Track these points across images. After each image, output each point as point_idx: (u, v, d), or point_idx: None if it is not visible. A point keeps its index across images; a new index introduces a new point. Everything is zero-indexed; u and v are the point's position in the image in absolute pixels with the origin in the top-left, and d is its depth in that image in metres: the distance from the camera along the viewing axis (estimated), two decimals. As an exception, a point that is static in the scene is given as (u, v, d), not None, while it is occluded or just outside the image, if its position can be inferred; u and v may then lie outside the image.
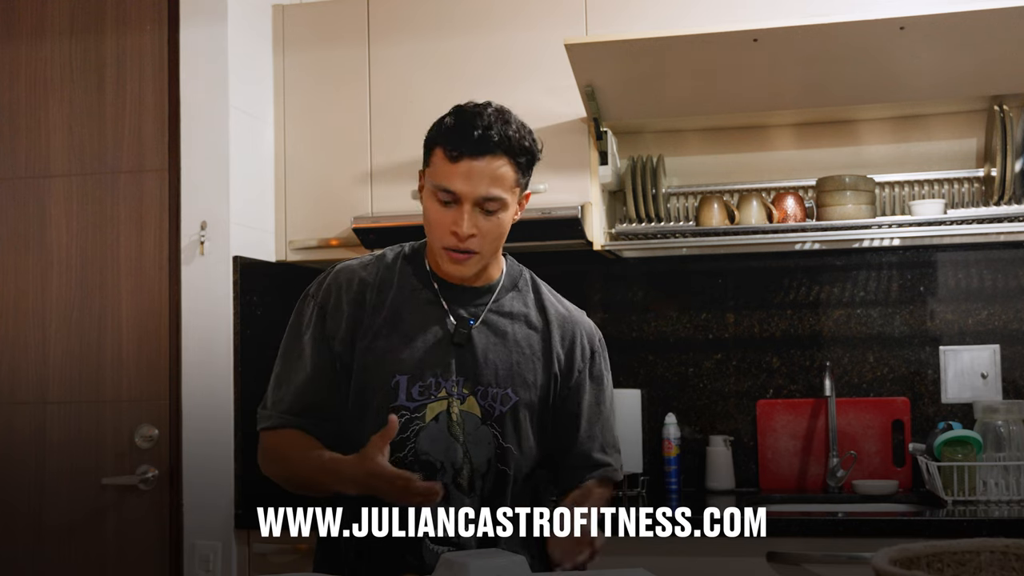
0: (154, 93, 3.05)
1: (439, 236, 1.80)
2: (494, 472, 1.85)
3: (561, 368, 1.91)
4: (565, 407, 1.93)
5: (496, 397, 1.84)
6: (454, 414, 1.82)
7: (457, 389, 1.83)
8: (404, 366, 1.82)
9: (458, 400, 1.83)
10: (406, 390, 1.82)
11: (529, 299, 1.93)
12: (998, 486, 2.76)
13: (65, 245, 3.08)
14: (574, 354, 1.93)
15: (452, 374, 1.83)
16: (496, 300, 1.89)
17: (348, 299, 1.86)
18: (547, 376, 1.89)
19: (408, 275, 1.89)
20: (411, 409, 1.81)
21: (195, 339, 2.95)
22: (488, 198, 1.76)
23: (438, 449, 1.81)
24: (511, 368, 1.86)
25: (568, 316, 1.95)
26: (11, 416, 3.07)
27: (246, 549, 2.88)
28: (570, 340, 1.93)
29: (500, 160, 1.76)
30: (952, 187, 3.10)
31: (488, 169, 1.76)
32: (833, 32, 2.69)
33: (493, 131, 1.75)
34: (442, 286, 1.88)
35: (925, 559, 1.23)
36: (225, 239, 2.95)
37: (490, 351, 1.85)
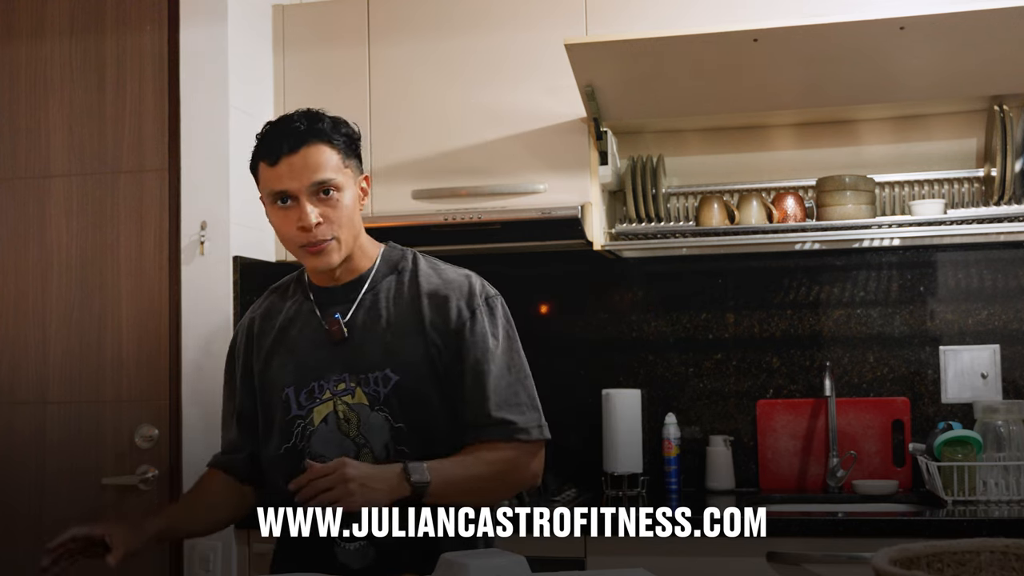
0: (154, 93, 3.05)
1: (292, 239, 1.88)
2: (394, 454, 1.85)
3: (439, 336, 1.89)
4: (452, 375, 1.89)
5: (378, 381, 1.87)
6: (340, 412, 1.87)
7: (345, 385, 1.87)
8: (290, 377, 1.92)
9: (348, 395, 1.87)
10: (295, 400, 1.90)
11: (405, 278, 1.95)
12: (998, 486, 2.76)
13: (65, 245, 3.08)
14: (448, 319, 1.89)
15: (336, 372, 1.89)
16: (370, 289, 1.93)
17: (243, 338, 2.04)
18: (424, 347, 1.88)
19: (296, 292, 2.00)
20: (303, 416, 1.90)
21: (195, 339, 2.95)
22: (318, 182, 1.84)
23: (330, 449, 1.86)
24: (386, 348, 1.88)
25: (442, 284, 1.93)
26: (11, 416, 3.07)
27: (246, 549, 2.88)
28: (443, 307, 1.90)
29: (315, 147, 1.85)
30: (952, 187, 3.10)
31: (308, 158, 1.84)
32: (833, 32, 2.69)
33: (300, 124, 1.85)
34: (317, 293, 1.96)
35: (925, 559, 1.23)
36: (225, 239, 2.95)
37: (366, 340, 1.89)
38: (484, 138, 3.04)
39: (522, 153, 3.03)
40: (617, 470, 3.07)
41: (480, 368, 1.87)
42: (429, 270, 1.96)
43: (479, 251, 3.15)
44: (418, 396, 1.87)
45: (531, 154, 3.02)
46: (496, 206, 3.00)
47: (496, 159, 3.04)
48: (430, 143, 3.08)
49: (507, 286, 3.33)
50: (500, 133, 3.04)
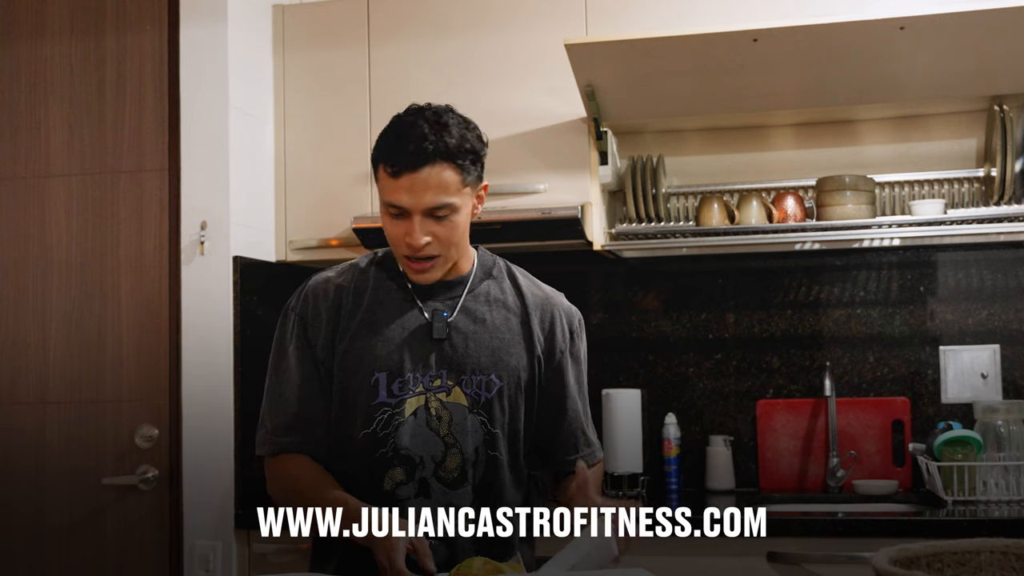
0: (154, 93, 3.05)
1: (397, 248, 1.86)
2: (484, 459, 1.87)
3: (543, 349, 1.93)
4: (550, 388, 1.94)
5: (480, 384, 1.86)
6: (433, 408, 1.85)
7: (441, 382, 1.86)
8: (383, 363, 1.85)
9: (443, 392, 1.85)
10: (386, 387, 1.85)
11: (505, 285, 1.95)
12: (998, 486, 2.76)
13: (65, 245, 3.08)
14: (555, 335, 1.94)
15: (432, 368, 1.86)
16: (471, 290, 1.92)
17: (325, 306, 1.90)
18: (530, 358, 1.91)
19: (383, 279, 1.93)
20: (392, 405, 1.85)
21: (195, 339, 2.95)
22: (435, 207, 1.80)
23: (417, 444, 1.84)
24: (493, 353, 1.88)
25: (546, 298, 1.96)
26: (11, 416, 3.07)
27: (246, 549, 2.88)
28: (550, 322, 1.94)
29: (439, 167, 1.79)
30: (952, 187, 3.10)
31: (429, 179, 1.78)
32: (833, 32, 2.69)
33: (427, 142, 1.78)
34: (415, 284, 1.91)
35: (925, 559, 1.23)
36: (225, 239, 2.95)
37: (470, 339, 1.88)
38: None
39: (522, 153, 3.03)
40: (617, 470, 3.07)
41: (579, 389, 1.97)
42: (528, 281, 1.98)
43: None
44: (514, 404, 1.89)
45: (531, 154, 3.02)
46: (496, 206, 2.99)
47: (496, 159, 3.00)
48: (430, 143, 3.08)
49: (507, 286, 3.35)
50: (500, 133, 3.04)
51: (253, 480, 2.96)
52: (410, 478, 1.83)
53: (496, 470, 1.87)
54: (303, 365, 1.89)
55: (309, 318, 1.90)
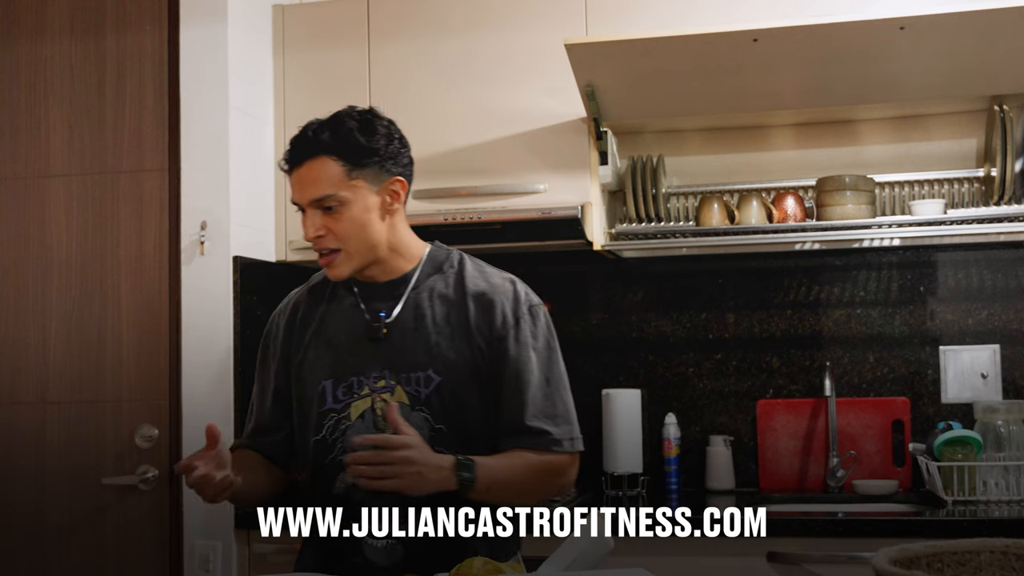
0: (154, 93, 3.05)
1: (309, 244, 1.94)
2: None
3: (484, 339, 1.90)
4: (493, 378, 1.91)
5: (420, 381, 1.87)
6: (379, 409, 1.87)
7: (385, 382, 1.88)
8: (328, 371, 1.92)
9: (388, 392, 1.87)
10: (332, 393, 1.90)
11: (451, 279, 1.95)
12: (998, 486, 2.76)
13: (65, 245, 3.08)
14: (493, 323, 1.90)
15: (376, 369, 1.89)
16: (415, 288, 1.94)
17: (284, 322, 2.02)
18: (470, 350, 1.89)
19: (339, 287, 1.99)
20: (338, 411, 1.89)
21: (195, 339, 2.95)
22: (318, 199, 1.86)
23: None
24: (431, 349, 1.88)
25: (488, 288, 1.94)
26: (11, 416, 3.07)
27: (246, 549, 2.88)
28: (489, 311, 1.91)
29: (319, 160, 1.86)
30: (952, 187, 3.10)
31: (310, 172, 1.87)
32: (833, 32, 2.69)
33: (307, 138, 1.87)
34: (361, 288, 1.96)
35: (925, 559, 1.23)
36: (225, 239, 2.95)
37: (408, 337, 1.90)
38: (484, 138, 3.04)
39: (522, 153, 3.03)
40: (617, 470, 3.07)
41: (520, 376, 1.89)
42: (475, 272, 1.97)
43: (479, 251, 3.11)
44: (459, 398, 1.88)
45: (531, 154, 3.02)
46: (496, 206, 3.00)
47: (496, 159, 3.04)
48: (430, 143, 3.08)
49: (507, 286, 3.35)
50: (500, 133, 3.04)
51: (253, 480, 2.96)
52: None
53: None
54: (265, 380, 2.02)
55: (272, 335, 2.03)
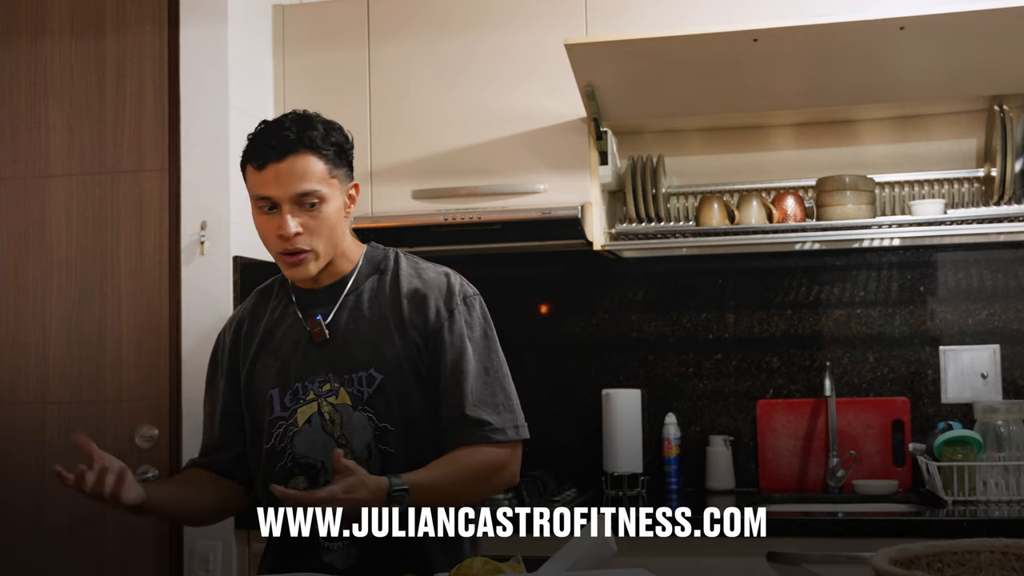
0: (154, 93, 3.05)
1: (271, 245, 1.90)
2: (377, 454, 1.86)
3: (418, 334, 1.90)
4: (432, 373, 1.90)
5: (361, 380, 1.88)
6: (326, 412, 1.87)
7: (329, 386, 1.88)
8: (274, 379, 1.93)
9: (333, 395, 1.88)
10: (279, 401, 1.91)
11: (387, 278, 1.95)
12: (998, 486, 2.76)
13: (65, 245, 3.08)
14: (427, 316, 1.90)
15: (320, 374, 1.90)
16: (352, 290, 1.94)
17: (229, 339, 2.02)
18: (405, 346, 1.89)
19: (280, 295, 2.01)
20: (285, 418, 1.90)
21: (195, 339, 2.95)
22: (302, 194, 1.84)
23: (315, 450, 1.87)
24: (371, 348, 1.89)
25: (421, 284, 1.93)
26: (11, 416, 3.07)
27: (246, 549, 2.88)
28: (423, 306, 1.91)
29: (303, 157, 1.85)
30: (952, 187, 3.10)
31: (294, 167, 1.84)
32: (833, 32, 2.69)
33: (290, 132, 1.84)
34: (299, 295, 1.97)
35: (925, 559, 1.23)
36: (225, 239, 2.95)
37: (348, 339, 1.90)
38: (484, 138, 3.04)
39: (522, 153, 3.03)
40: (617, 470, 3.07)
41: (457, 368, 1.88)
42: (410, 269, 1.97)
43: (479, 251, 3.15)
44: (401, 395, 1.88)
45: (531, 154, 3.02)
46: (496, 206, 3.00)
47: (496, 159, 3.04)
48: (430, 143, 3.08)
49: (507, 286, 3.35)
50: (500, 133, 3.04)
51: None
52: (313, 483, 1.85)
53: (390, 464, 1.84)
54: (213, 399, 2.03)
55: (218, 353, 2.04)
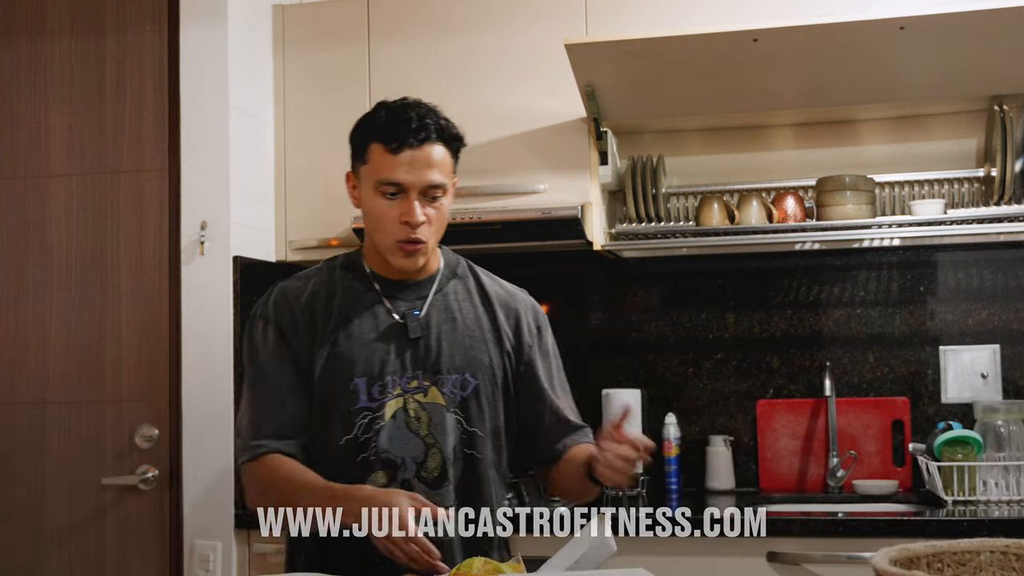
0: (154, 93, 3.05)
1: (390, 231, 1.84)
2: (462, 458, 1.88)
3: (512, 347, 1.95)
4: (525, 383, 1.97)
5: (456, 383, 1.88)
6: (411, 409, 1.86)
7: (418, 383, 1.87)
8: (361, 368, 1.86)
9: (421, 393, 1.86)
10: (366, 391, 1.86)
11: (470, 284, 1.97)
12: (998, 486, 2.76)
13: (65, 245, 3.08)
14: (521, 331, 1.97)
15: (408, 369, 1.87)
16: (439, 289, 1.93)
17: (300, 314, 1.88)
18: (500, 355, 1.94)
19: (350, 280, 1.93)
20: (372, 410, 1.85)
21: (195, 339, 2.95)
22: (432, 185, 1.82)
23: (397, 446, 1.85)
24: (466, 352, 1.90)
25: (508, 295, 2.00)
26: (11, 416, 3.07)
27: (246, 549, 2.88)
28: (515, 318, 1.97)
29: (438, 147, 1.83)
30: (952, 187, 3.10)
31: (429, 157, 1.82)
32: (833, 32, 2.69)
33: (427, 120, 1.82)
34: (383, 285, 1.92)
35: (925, 559, 1.23)
36: (225, 239, 2.95)
37: (443, 339, 1.89)
38: (484, 138, 3.03)
39: (522, 153, 3.03)
40: (617, 470, 3.07)
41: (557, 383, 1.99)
42: (489, 279, 2.00)
43: (479, 251, 3.14)
44: (492, 402, 1.91)
45: (531, 154, 3.02)
46: (496, 206, 3.00)
47: (496, 159, 3.04)
48: (430, 143, 3.08)
49: (507, 286, 3.35)
50: (500, 133, 3.04)
51: (253, 480, 2.96)
52: (392, 480, 1.84)
53: (474, 468, 1.89)
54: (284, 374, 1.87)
55: (286, 326, 1.88)
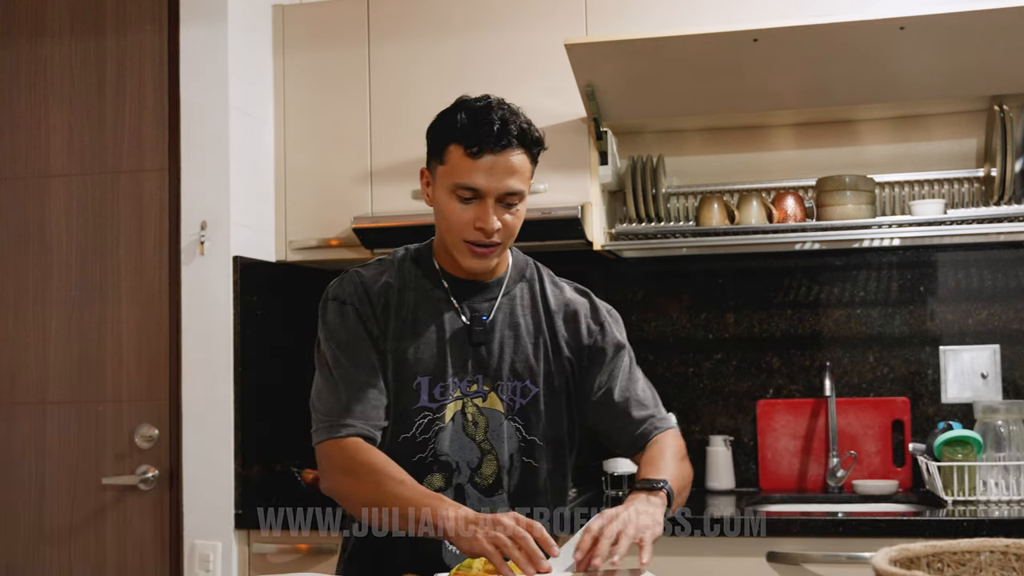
0: (154, 93, 3.05)
1: (461, 232, 1.78)
2: (519, 466, 1.86)
3: (572, 352, 1.91)
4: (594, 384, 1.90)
5: (516, 391, 1.85)
6: (470, 414, 1.83)
7: (477, 387, 1.83)
8: (424, 367, 1.82)
9: (479, 398, 1.83)
10: (428, 391, 1.82)
11: (536, 288, 1.93)
12: (998, 486, 2.76)
13: (65, 245, 3.08)
14: (580, 335, 1.91)
15: (469, 373, 1.84)
16: (506, 293, 1.89)
17: (377, 302, 1.84)
18: (559, 364, 1.89)
19: (419, 276, 1.88)
20: (432, 410, 1.82)
21: (195, 339, 2.95)
22: (510, 192, 1.76)
23: (454, 449, 1.82)
24: (527, 360, 1.86)
25: (569, 300, 1.94)
26: (11, 416, 3.07)
27: (246, 549, 2.88)
28: (573, 322, 1.92)
29: (518, 153, 1.76)
30: (952, 187, 3.10)
31: (509, 163, 1.75)
32: (833, 32, 2.69)
33: (511, 124, 1.75)
34: (452, 284, 1.87)
35: (925, 559, 1.23)
36: (225, 239, 2.95)
37: (505, 345, 1.86)
38: (484, 138, 3.03)
39: (522, 153, 3.02)
40: (617, 470, 3.07)
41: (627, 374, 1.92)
42: (551, 284, 1.95)
43: (479, 251, 3.15)
44: (552, 411, 1.88)
45: (531, 154, 3.02)
46: (496, 206, 2.99)
47: (496, 159, 3.03)
48: (430, 143, 3.08)
49: (507, 286, 3.35)
50: (500, 133, 3.04)
51: (253, 480, 2.96)
52: (448, 484, 1.82)
53: (531, 478, 1.86)
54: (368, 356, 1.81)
55: (366, 311, 1.83)
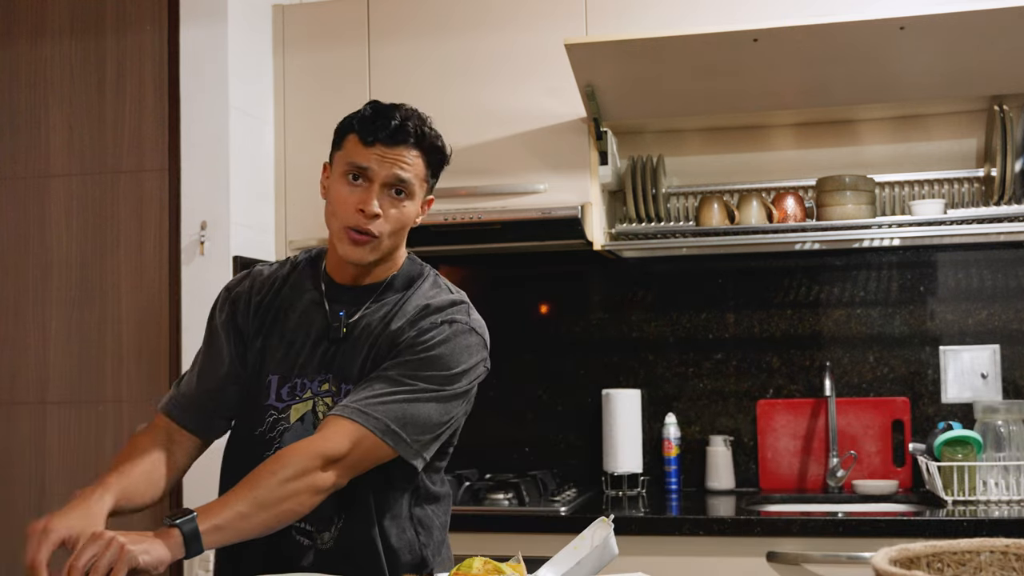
0: (154, 93, 3.05)
1: (344, 215, 1.81)
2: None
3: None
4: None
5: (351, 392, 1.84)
6: (320, 413, 1.83)
7: (328, 386, 1.84)
8: (277, 366, 1.86)
9: (330, 398, 1.83)
10: (276, 390, 1.86)
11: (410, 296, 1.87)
12: (998, 486, 2.76)
13: (65, 245, 3.08)
14: (402, 332, 1.83)
15: (320, 373, 1.85)
16: (377, 299, 1.87)
17: (257, 299, 1.92)
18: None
19: (305, 276, 1.93)
20: (278, 410, 1.85)
21: (195, 339, 2.93)
22: (399, 180, 1.80)
23: None
24: (364, 364, 1.83)
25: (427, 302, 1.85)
26: (11, 416, 3.07)
27: (246, 549, 2.88)
28: (411, 325, 1.83)
29: (413, 151, 1.81)
30: (952, 187, 3.10)
31: (401, 156, 1.80)
32: (833, 32, 2.69)
33: (409, 124, 1.81)
34: (328, 286, 1.90)
35: (925, 559, 1.23)
36: (225, 239, 2.95)
37: (357, 350, 1.84)
38: (484, 138, 3.04)
39: (522, 153, 3.03)
40: (617, 470, 3.07)
41: (395, 379, 1.79)
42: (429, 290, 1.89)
43: (479, 251, 3.15)
44: None
45: (531, 154, 3.02)
46: (496, 206, 3.00)
47: (496, 159, 3.04)
48: (430, 143, 3.08)
49: (507, 286, 3.35)
50: (500, 133, 3.04)
51: (253, 480, 2.96)
52: None
53: (362, 476, 1.79)
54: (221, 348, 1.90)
55: (242, 306, 1.91)
